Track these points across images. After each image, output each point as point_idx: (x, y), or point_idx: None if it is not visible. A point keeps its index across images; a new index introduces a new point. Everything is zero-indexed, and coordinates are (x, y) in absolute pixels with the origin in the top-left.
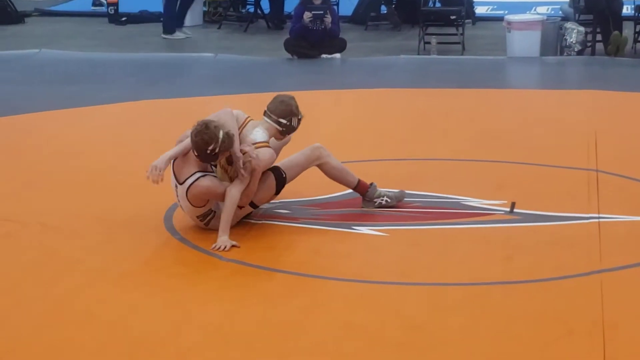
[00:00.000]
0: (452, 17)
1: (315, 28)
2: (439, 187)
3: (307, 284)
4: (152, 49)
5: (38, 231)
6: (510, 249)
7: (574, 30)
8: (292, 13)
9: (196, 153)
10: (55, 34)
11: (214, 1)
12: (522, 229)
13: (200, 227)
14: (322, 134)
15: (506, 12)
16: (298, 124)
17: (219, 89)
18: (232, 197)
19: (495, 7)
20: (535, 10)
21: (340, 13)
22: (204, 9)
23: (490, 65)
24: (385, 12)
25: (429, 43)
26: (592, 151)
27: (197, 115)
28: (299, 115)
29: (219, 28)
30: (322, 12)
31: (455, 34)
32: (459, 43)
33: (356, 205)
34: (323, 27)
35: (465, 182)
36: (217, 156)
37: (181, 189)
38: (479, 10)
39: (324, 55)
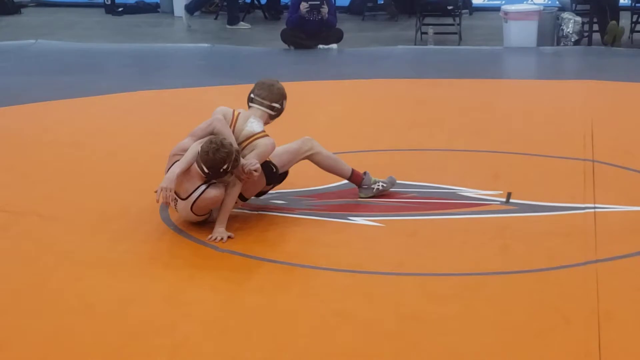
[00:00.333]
0: (449, 8)
1: (312, 18)
2: (435, 177)
3: (302, 274)
4: (148, 39)
5: (34, 222)
6: (506, 239)
7: (571, 20)
8: (289, 3)
9: (208, 170)
10: (51, 24)
11: None
12: (518, 219)
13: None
14: (318, 124)
15: (503, 2)
16: (283, 108)
17: (215, 80)
18: (232, 195)
19: None
20: (532, 0)
21: (337, 3)
22: None
23: (487, 56)
24: (382, 2)
25: (426, 33)
26: (588, 141)
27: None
28: (285, 98)
29: (215, 18)
30: (318, 3)
31: (452, 24)
32: (456, 33)
33: (352, 196)
34: (320, 17)
35: (461, 172)
36: (227, 173)
37: (184, 204)
38: (476, 1)
39: (321, 46)
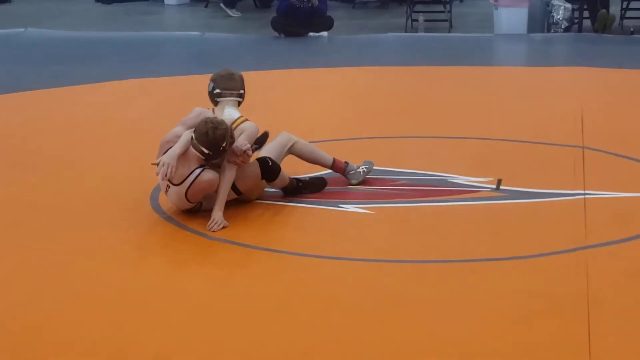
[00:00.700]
0: None
1: (302, 6)
2: (425, 164)
3: (293, 262)
4: (138, 27)
5: (24, 210)
6: (495, 226)
7: (561, 7)
8: None
9: (209, 151)
10: (41, 13)
11: None
12: (508, 206)
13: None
14: (309, 112)
15: None
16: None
17: (206, 68)
18: (227, 178)
19: None
20: None
21: None
22: None
23: (478, 43)
24: None
25: (417, 21)
26: (578, 128)
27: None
28: (244, 86)
29: (206, 6)
30: None
31: (443, 12)
32: (446, 21)
33: (342, 184)
34: (310, 5)
35: (451, 159)
36: (225, 152)
37: (177, 189)
38: None
39: (311, 34)
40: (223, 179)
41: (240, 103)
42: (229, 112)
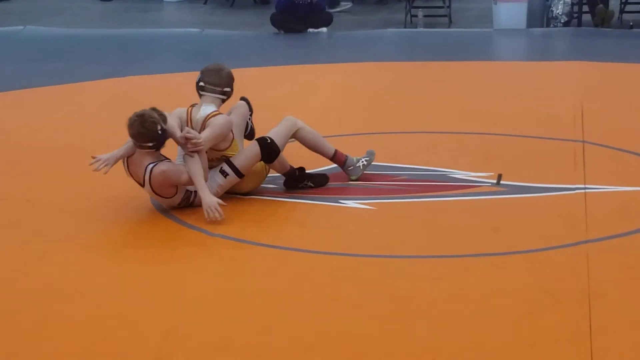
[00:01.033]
0: None
1: (301, 2)
2: (426, 159)
3: (294, 258)
4: (138, 25)
5: (24, 208)
6: (496, 221)
7: (560, 2)
8: None
9: (149, 141)
10: (40, 10)
11: None
12: (509, 201)
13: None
14: (309, 108)
15: None
16: (231, 88)
17: (205, 65)
18: (192, 167)
19: None
20: None
21: None
22: None
23: (477, 38)
24: None
25: (416, 16)
26: (578, 122)
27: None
28: (232, 82)
29: (205, 3)
30: None
31: (442, 7)
32: (445, 16)
33: (343, 179)
34: (309, 1)
35: (451, 154)
36: (167, 133)
37: (146, 188)
38: None
39: (311, 30)
40: (191, 165)
41: (224, 100)
42: (204, 110)
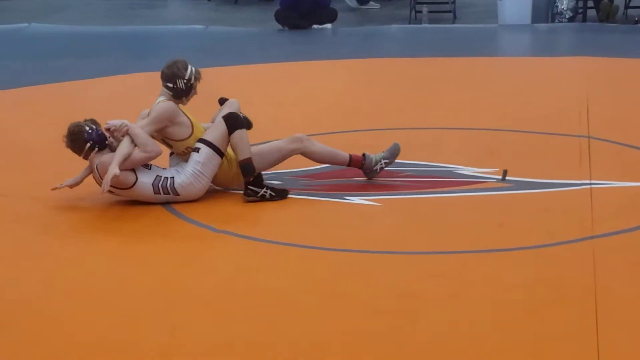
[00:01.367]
0: None
1: None
2: (431, 155)
3: (299, 255)
4: (142, 21)
5: (29, 205)
6: (502, 217)
7: None
8: None
9: (85, 143)
10: (44, 7)
11: None
12: (514, 197)
13: (192, 201)
14: (314, 104)
15: None
16: (186, 86)
17: (210, 61)
18: (121, 144)
19: None
20: None
21: None
22: None
23: (482, 34)
24: None
25: (420, 12)
26: (583, 117)
27: None
28: (184, 77)
29: (209, 0)
30: None
31: (447, 3)
32: (450, 12)
33: (348, 175)
34: None
35: (457, 150)
36: (99, 130)
37: (114, 190)
38: None
39: (315, 26)
40: (119, 146)
41: (176, 97)
42: (156, 101)
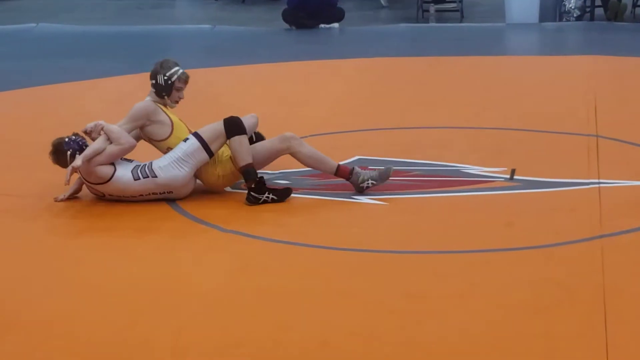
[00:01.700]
0: None
1: None
2: (439, 155)
3: (306, 254)
4: (150, 21)
5: (38, 205)
6: (510, 216)
7: None
8: None
9: (66, 151)
10: (52, 7)
11: None
12: (523, 196)
13: (198, 199)
14: (321, 104)
15: None
16: (166, 83)
17: (217, 61)
18: (95, 142)
19: None
20: None
21: None
22: None
23: (489, 33)
24: None
25: (427, 11)
26: (591, 116)
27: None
28: (164, 73)
29: (216, 0)
30: None
31: (454, 2)
32: (457, 11)
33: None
34: None
35: (464, 149)
36: (79, 138)
37: (94, 187)
38: None
39: (322, 25)
40: (95, 144)
41: (158, 95)
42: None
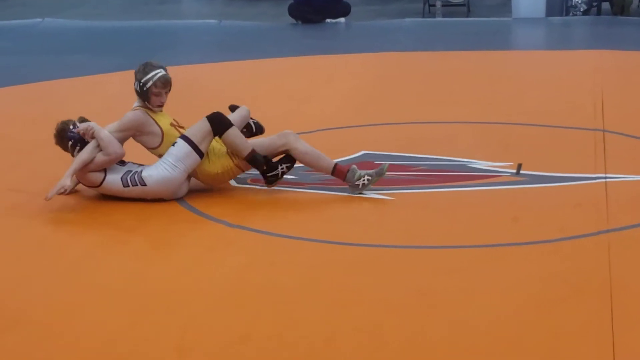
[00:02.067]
0: None
1: None
2: (445, 149)
3: (313, 249)
4: (156, 17)
5: (43, 203)
6: (517, 211)
7: None
8: None
9: (68, 141)
10: (58, 2)
11: None
12: (529, 190)
13: (204, 194)
14: (327, 99)
15: None
16: (141, 89)
17: (223, 56)
18: (82, 152)
19: None
20: None
21: None
22: None
23: (496, 27)
24: None
25: (434, 5)
26: (598, 111)
27: (201, 83)
28: (139, 79)
29: None
30: None
31: None
32: (464, 5)
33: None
34: None
35: (471, 144)
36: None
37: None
38: None
39: (329, 20)
40: (83, 151)
41: (142, 100)
42: (134, 105)
